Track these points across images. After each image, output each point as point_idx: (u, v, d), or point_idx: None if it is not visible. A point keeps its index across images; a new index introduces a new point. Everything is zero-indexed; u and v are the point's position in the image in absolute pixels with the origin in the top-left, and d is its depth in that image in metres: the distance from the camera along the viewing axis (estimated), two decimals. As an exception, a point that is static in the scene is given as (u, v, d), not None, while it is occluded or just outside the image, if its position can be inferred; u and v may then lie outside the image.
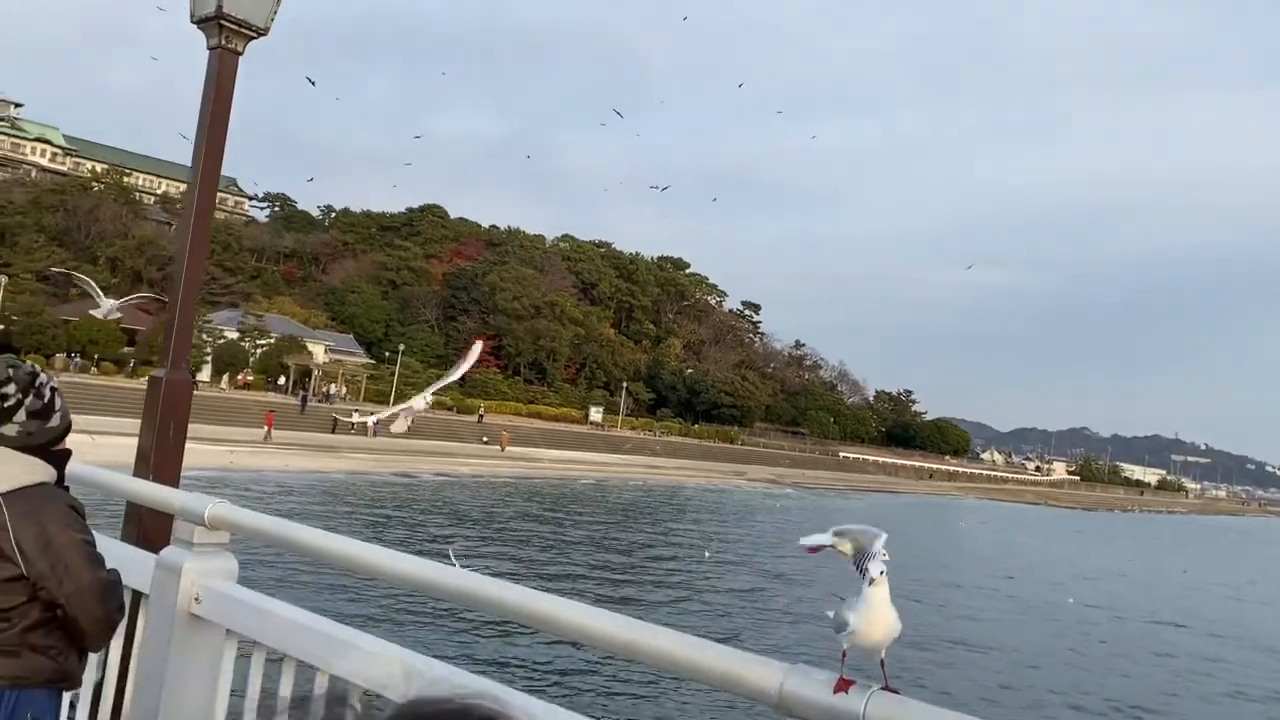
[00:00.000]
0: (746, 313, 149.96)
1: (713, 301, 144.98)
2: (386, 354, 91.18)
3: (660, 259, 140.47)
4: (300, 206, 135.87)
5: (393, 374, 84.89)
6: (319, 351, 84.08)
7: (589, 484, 58.03)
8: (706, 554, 34.05)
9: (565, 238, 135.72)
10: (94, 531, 2.88)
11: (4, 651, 2.53)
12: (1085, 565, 47.31)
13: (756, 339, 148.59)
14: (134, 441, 4.36)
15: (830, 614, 1.92)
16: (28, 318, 67.66)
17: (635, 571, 29.53)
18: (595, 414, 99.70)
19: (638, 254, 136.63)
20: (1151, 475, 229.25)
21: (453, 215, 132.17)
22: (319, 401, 70.14)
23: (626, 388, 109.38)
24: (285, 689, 2.95)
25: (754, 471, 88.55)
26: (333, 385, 78.26)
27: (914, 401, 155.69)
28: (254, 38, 4.56)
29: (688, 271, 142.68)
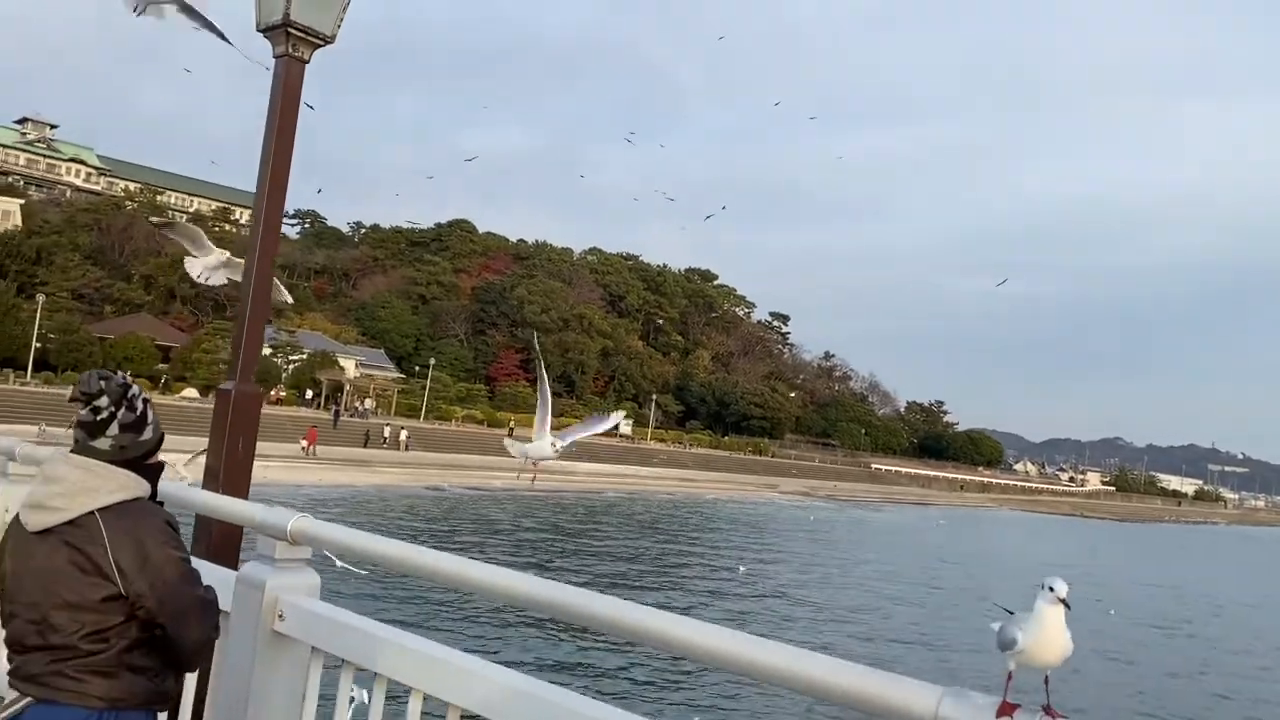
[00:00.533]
0: (775, 324, 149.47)
1: (741, 313, 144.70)
2: (417, 368, 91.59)
3: (688, 271, 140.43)
4: (330, 223, 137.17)
5: (424, 388, 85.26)
6: (350, 366, 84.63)
7: (621, 497, 57.89)
8: (741, 569, 33.81)
9: (593, 250, 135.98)
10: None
11: (102, 672, 2.45)
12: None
13: (785, 350, 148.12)
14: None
15: (995, 628, 1.79)
16: (64, 335, 68.57)
17: (669, 583, 29.36)
18: (625, 427, 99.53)
19: (665, 266, 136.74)
20: (1189, 485, 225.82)
21: (481, 230, 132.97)
22: (350, 416, 70.55)
23: (655, 400, 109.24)
24: (377, 709, 2.86)
25: (786, 484, 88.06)
26: (366, 400, 78.68)
27: (945, 412, 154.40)
28: (320, 45, 4.51)
29: (716, 283, 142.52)
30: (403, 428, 65.28)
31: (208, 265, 5.22)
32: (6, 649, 2.58)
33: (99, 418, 2.58)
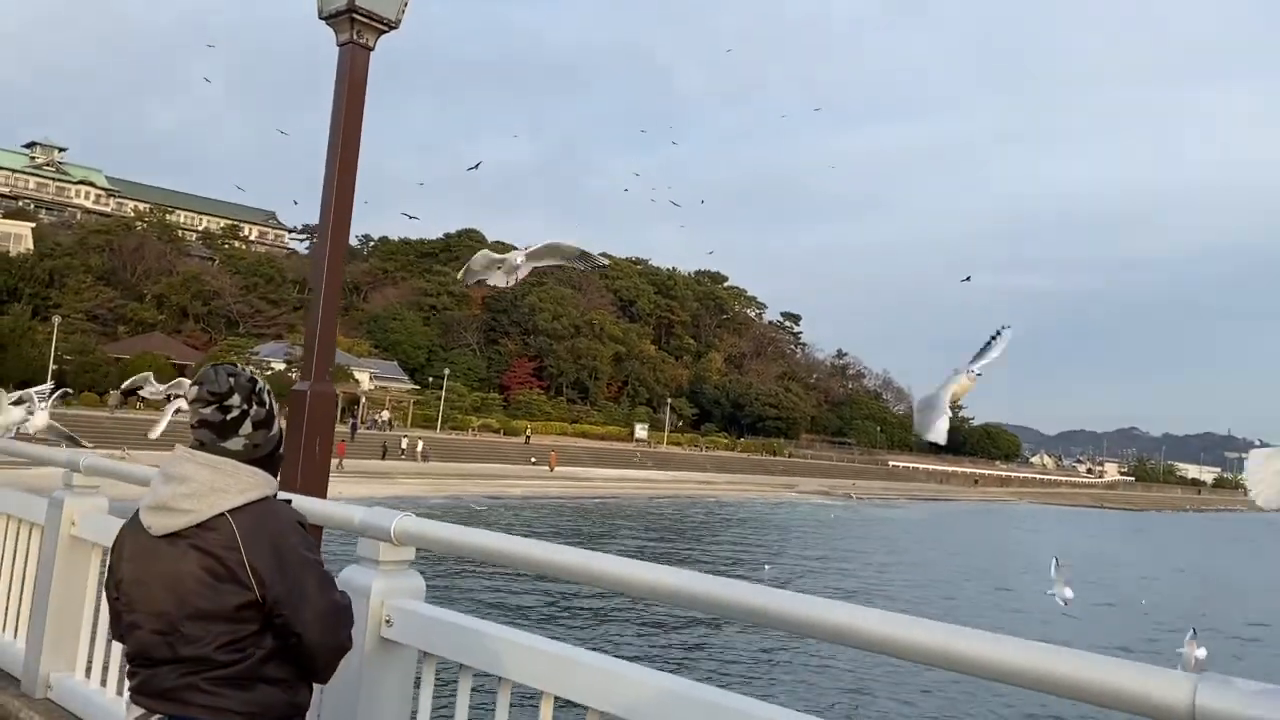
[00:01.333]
0: (787, 324, 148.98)
1: (752, 314, 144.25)
2: (430, 379, 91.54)
3: (698, 273, 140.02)
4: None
5: (439, 398, 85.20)
6: (364, 379, 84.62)
7: (641, 501, 57.65)
8: (766, 568, 33.55)
9: (602, 255, 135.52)
10: None
11: (238, 685, 2.26)
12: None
13: (798, 350, 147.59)
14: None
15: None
16: (80, 356, 68.69)
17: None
18: (640, 431, 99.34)
19: (675, 269, 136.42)
20: (1207, 474, 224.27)
21: (490, 238, 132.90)
22: (367, 429, 70.56)
23: (670, 404, 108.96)
24: (502, 716, 2.68)
25: (804, 484, 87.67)
26: (384, 412, 78.70)
27: (961, 408, 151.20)
28: (385, 31, 4.36)
29: (726, 285, 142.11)
30: (420, 439, 65.21)
31: (512, 273, 5.18)
32: (129, 663, 2.39)
33: (229, 417, 2.39)
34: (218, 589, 2.24)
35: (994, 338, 4.32)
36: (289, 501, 2.53)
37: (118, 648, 4.09)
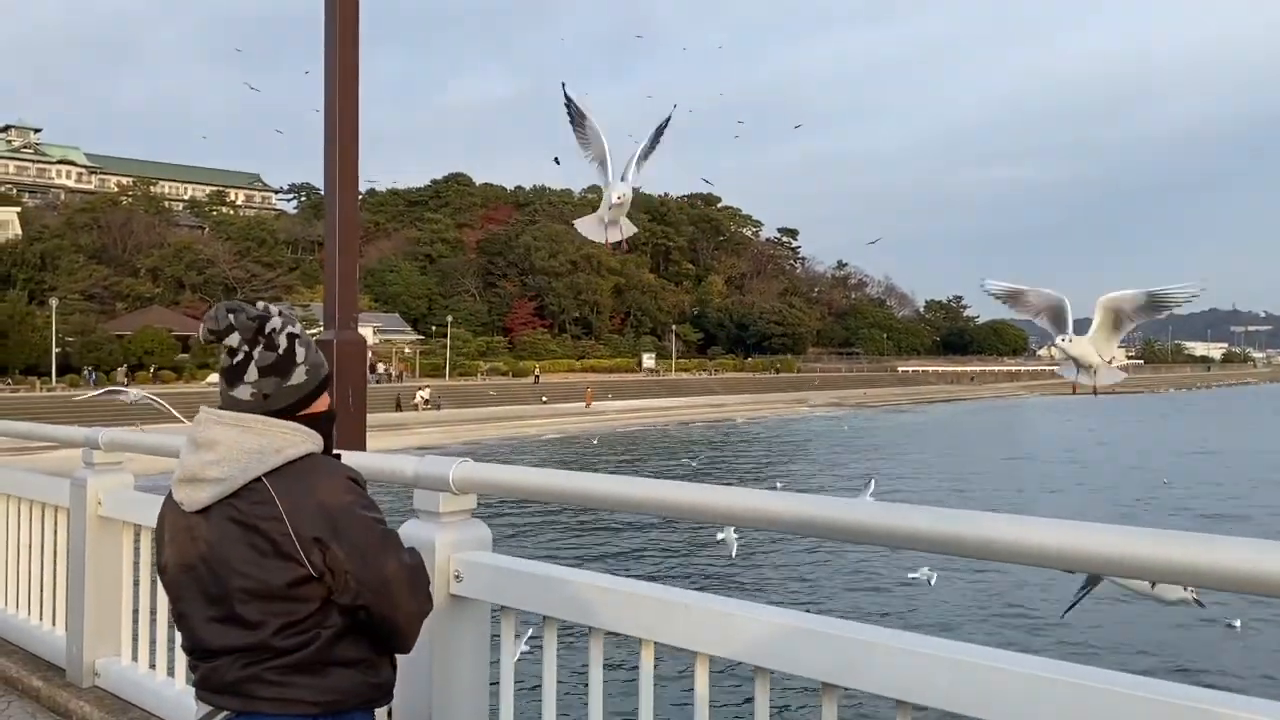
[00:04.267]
0: (784, 240, 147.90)
1: (749, 233, 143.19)
2: (433, 328, 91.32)
3: (691, 196, 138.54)
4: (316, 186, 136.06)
5: (444, 347, 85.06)
6: (368, 334, 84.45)
7: (652, 429, 57.76)
8: (779, 485, 33.55)
9: (592, 188, 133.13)
10: None
11: (309, 670, 1.99)
12: None
13: (798, 265, 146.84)
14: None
15: None
16: (82, 337, 68.46)
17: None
18: (648, 361, 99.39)
19: (666, 194, 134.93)
20: (1215, 350, 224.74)
21: (478, 182, 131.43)
22: (376, 382, 70.50)
23: (674, 330, 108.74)
24: (596, 666, 2.44)
25: (816, 397, 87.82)
26: (379, 365, 78.53)
27: (965, 307, 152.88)
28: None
29: (720, 206, 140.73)
30: (427, 387, 65.33)
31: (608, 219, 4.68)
32: (188, 656, 2.11)
33: (235, 360, 2.06)
34: (263, 565, 1.95)
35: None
36: (338, 456, 2.23)
37: (163, 629, 3.89)
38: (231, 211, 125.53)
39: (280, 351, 2.09)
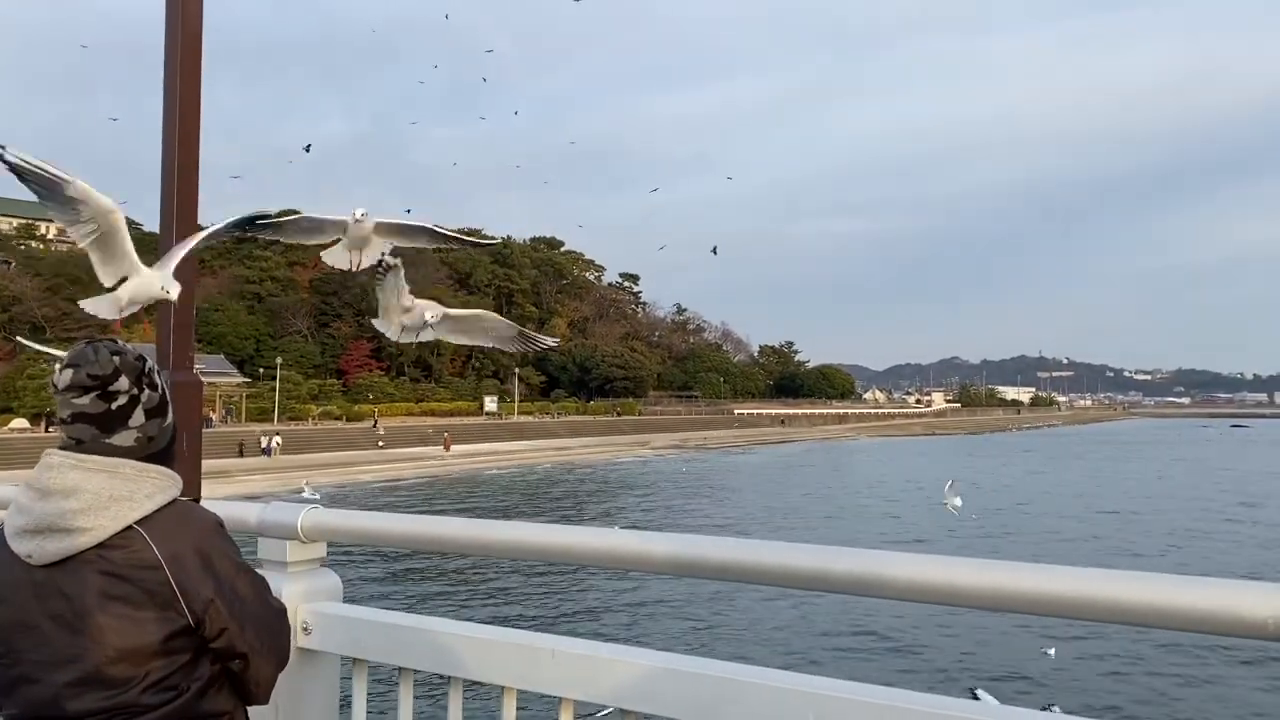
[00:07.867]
0: (626, 284, 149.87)
1: (591, 277, 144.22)
2: (261, 370, 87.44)
3: (534, 240, 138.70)
4: (147, 229, 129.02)
5: (272, 390, 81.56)
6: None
7: (496, 474, 57.04)
8: (617, 525, 33.76)
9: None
10: None
11: None
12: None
13: (639, 309, 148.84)
14: None
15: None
16: None
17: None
18: (490, 404, 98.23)
19: (509, 237, 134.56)
20: (1024, 394, 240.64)
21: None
22: (207, 428, 66.95)
23: (517, 373, 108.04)
24: (455, 714, 2.38)
25: (657, 440, 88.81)
26: (213, 410, 74.75)
27: (796, 352, 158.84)
28: (215, -31, 3.84)
29: (563, 250, 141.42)
30: (276, 433, 62.71)
31: (414, 323, 4.13)
32: None
33: (115, 405, 1.90)
34: (138, 619, 1.81)
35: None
36: (196, 500, 2.12)
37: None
38: (42, 246, 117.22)
39: (160, 392, 2.00)
